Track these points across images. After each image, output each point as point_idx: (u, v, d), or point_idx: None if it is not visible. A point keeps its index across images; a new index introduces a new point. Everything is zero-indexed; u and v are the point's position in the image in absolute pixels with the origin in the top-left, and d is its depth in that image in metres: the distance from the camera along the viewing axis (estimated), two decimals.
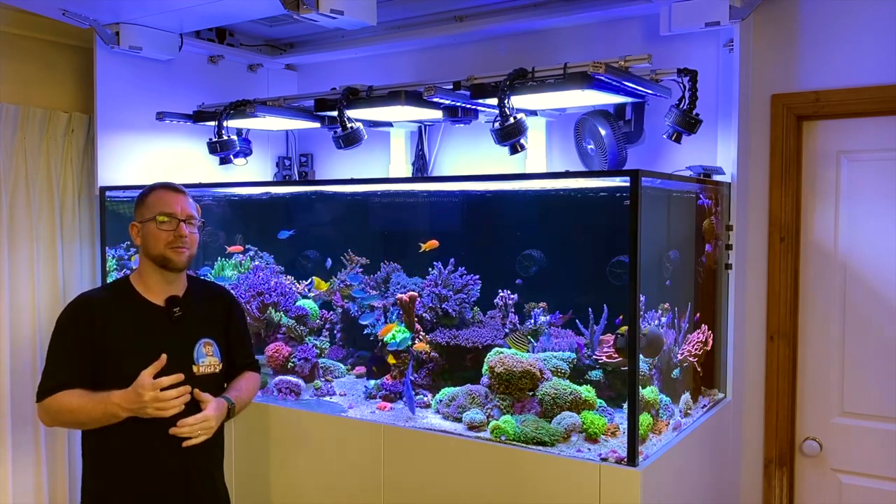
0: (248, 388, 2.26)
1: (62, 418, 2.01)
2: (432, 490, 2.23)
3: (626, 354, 2.26)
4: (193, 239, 2.12)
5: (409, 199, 3.08)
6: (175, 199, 2.10)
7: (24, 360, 2.98)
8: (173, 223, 2.07)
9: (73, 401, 1.97)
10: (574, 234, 2.77)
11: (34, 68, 3.06)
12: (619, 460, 1.97)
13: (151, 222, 2.07)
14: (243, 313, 2.40)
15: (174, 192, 2.13)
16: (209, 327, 2.18)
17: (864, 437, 2.59)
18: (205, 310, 2.20)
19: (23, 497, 2.99)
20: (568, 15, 2.87)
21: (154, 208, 2.08)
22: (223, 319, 2.25)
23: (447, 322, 2.72)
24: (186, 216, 2.10)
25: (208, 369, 2.13)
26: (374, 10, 2.49)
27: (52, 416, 2.01)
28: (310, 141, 3.73)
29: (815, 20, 2.57)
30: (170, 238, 2.06)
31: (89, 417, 1.97)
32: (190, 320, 2.13)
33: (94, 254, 3.17)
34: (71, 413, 1.97)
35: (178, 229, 2.07)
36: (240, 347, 2.30)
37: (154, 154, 3.20)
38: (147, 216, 2.08)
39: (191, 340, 2.12)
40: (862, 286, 2.57)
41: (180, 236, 2.07)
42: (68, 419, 2.02)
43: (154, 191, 2.13)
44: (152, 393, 1.92)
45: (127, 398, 1.94)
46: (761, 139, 2.66)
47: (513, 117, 2.17)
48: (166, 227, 2.06)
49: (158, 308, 2.10)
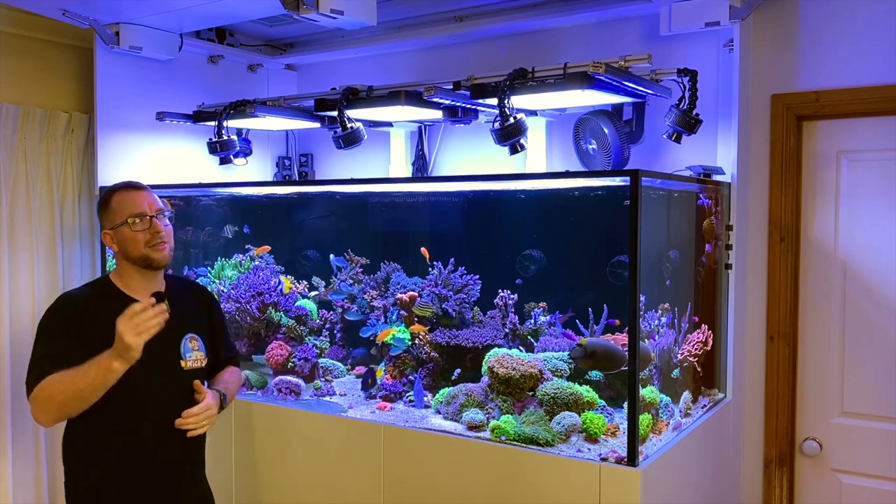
0: (234, 381, 2.29)
1: (57, 398, 1.89)
2: (432, 490, 2.23)
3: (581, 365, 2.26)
4: (169, 231, 2.10)
5: (409, 199, 3.08)
6: (140, 197, 2.07)
7: (24, 360, 2.95)
8: (146, 222, 2.04)
9: (64, 376, 1.87)
10: (574, 234, 2.77)
11: (34, 68, 3.06)
12: (619, 460, 1.97)
13: (124, 226, 2.03)
14: (221, 308, 2.42)
15: (136, 190, 2.09)
16: (193, 322, 2.19)
17: (864, 437, 2.59)
18: (187, 305, 2.20)
19: (23, 497, 2.99)
20: (568, 15, 2.86)
21: (123, 212, 2.04)
22: (206, 314, 2.27)
23: (447, 322, 2.72)
24: (156, 211, 2.08)
25: (195, 364, 2.14)
26: (374, 10, 2.49)
27: (45, 402, 1.90)
28: (310, 141, 3.73)
29: (815, 20, 2.57)
30: (147, 237, 2.04)
31: (86, 382, 1.85)
32: (174, 316, 2.07)
33: (94, 254, 3.17)
34: (63, 386, 1.86)
35: (152, 226, 2.04)
36: (222, 341, 2.32)
37: (154, 154, 3.20)
38: (117, 221, 2.04)
39: (177, 336, 2.11)
40: (862, 286, 2.57)
41: (157, 232, 2.04)
42: (63, 397, 1.88)
43: (115, 193, 2.09)
44: (128, 320, 1.81)
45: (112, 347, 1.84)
46: (761, 139, 2.66)
47: (513, 117, 2.17)
48: (140, 227, 2.03)
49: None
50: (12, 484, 2.94)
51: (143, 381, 2.00)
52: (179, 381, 2.08)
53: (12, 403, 2.94)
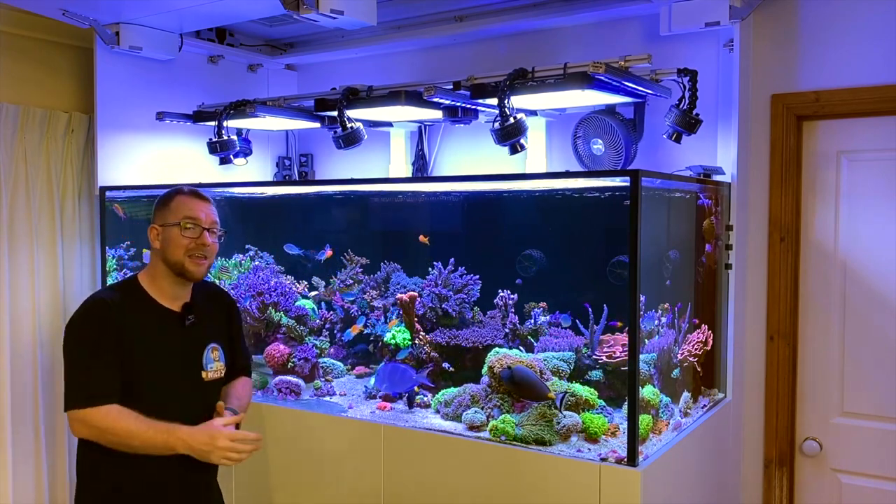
0: (246, 396, 2.25)
1: (109, 437, 1.90)
2: (432, 490, 2.23)
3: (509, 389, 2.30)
4: (213, 248, 2.09)
5: (409, 199, 3.08)
6: (200, 206, 2.07)
7: (24, 360, 2.98)
8: (197, 230, 2.03)
9: (130, 424, 1.88)
10: (574, 234, 2.77)
11: (34, 68, 3.06)
12: (619, 460, 1.97)
13: (175, 227, 2.02)
14: (240, 313, 2.39)
15: (200, 198, 2.09)
16: (214, 331, 2.17)
17: (864, 437, 2.59)
18: (208, 312, 2.19)
19: (23, 497, 2.99)
20: (568, 15, 2.87)
21: (179, 212, 2.04)
22: (225, 321, 2.25)
23: (447, 322, 2.72)
24: (210, 224, 2.07)
25: (215, 374, 2.12)
26: (374, 10, 2.49)
27: (93, 427, 1.89)
28: (310, 141, 3.73)
29: (815, 20, 2.57)
30: (191, 245, 2.02)
31: (145, 444, 1.88)
32: (199, 325, 2.11)
33: (94, 254, 3.17)
34: (127, 435, 1.88)
35: (201, 237, 2.03)
36: (238, 349, 2.29)
37: (154, 154, 3.20)
38: (171, 220, 2.03)
39: (200, 346, 2.10)
40: (862, 286, 2.57)
41: (203, 244, 2.03)
42: (116, 441, 1.90)
43: (179, 194, 2.08)
44: (228, 443, 1.90)
45: (196, 438, 1.90)
46: (761, 139, 2.66)
47: (513, 117, 2.17)
48: (190, 233, 2.02)
49: (173, 314, 2.07)
50: (12, 483, 2.94)
51: (165, 392, 2.00)
52: (200, 393, 2.07)
53: (12, 403, 2.93)
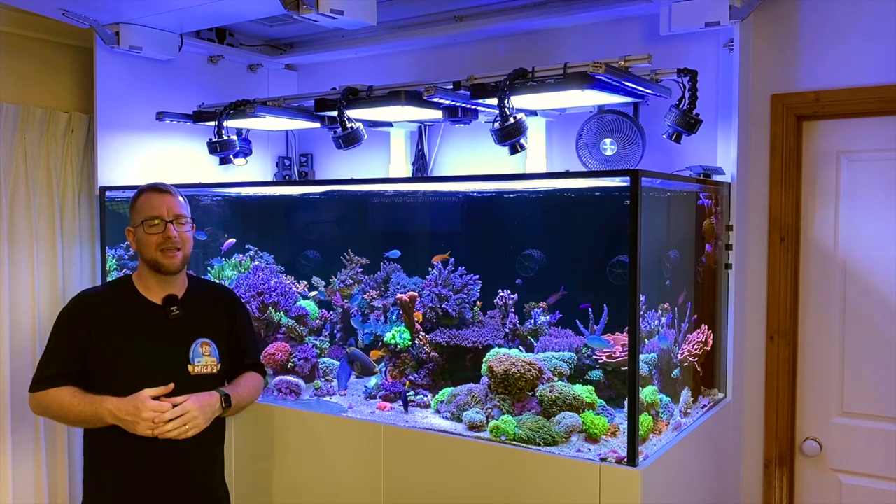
0: (249, 386, 2.25)
1: (51, 412, 2.06)
2: (432, 490, 2.23)
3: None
4: (185, 238, 2.11)
5: (409, 199, 3.08)
6: (161, 201, 2.09)
7: (24, 359, 2.98)
8: (160, 225, 2.07)
9: (66, 398, 2.00)
10: (574, 235, 2.77)
11: (34, 68, 3.06)
12: (619, 460, 1.97)
13: (140, 227, 2.08)
14: (248, 314, 2.39)
15: (160, 192, 2.11)
16: (209, 327, 2.17)
17: (864, 437, 2.59)
18: (205, 309, 2.20)
19: (23, 497, 2.99)
20: (568, 15, 2.87)
21: (142, 212, 2.08)
22: (225, 320, 2.24)
23: (447, 322, 2.72)
24: (174, 216, 2.09)
25: (204, 369, 2.12)
26: (374, 10, 2.49)
27: (42, 407, 2.06)
28: (310, 141, 3.73)
29: (814, 20, 2.57)
30: (159, 240, 2.06)
31: (77, 416, 2.01)
32: (188, 320, 2.13)
33: (94, 254, 3.17)
34: (61, 409, 2.01)
35: (165, 231, 2.06)
36: (246, 348, 2.29)
37: (154, 154, 3.20)
38: (137, 221, 2.09)
39: (187, 340, 2.11)
40: (862, 286, 2.57)
41: (168, 237, 2.06)
42: (57, 414, 2.05)
43: (142, 194, 2.12)
44: (151, 413, 1.95)
45: (121, 408, 1.95)
46: (761, 139, 2.66)
47: (513, 117, 2.17)
48: (154, 230, 2.06)
49: (156, 307, 2.10)
50: (12, 483, 2.94)
51: (146, 383, 2.00)
52: (187, 387, 2.06)
53: (12, 403, 2.93)
